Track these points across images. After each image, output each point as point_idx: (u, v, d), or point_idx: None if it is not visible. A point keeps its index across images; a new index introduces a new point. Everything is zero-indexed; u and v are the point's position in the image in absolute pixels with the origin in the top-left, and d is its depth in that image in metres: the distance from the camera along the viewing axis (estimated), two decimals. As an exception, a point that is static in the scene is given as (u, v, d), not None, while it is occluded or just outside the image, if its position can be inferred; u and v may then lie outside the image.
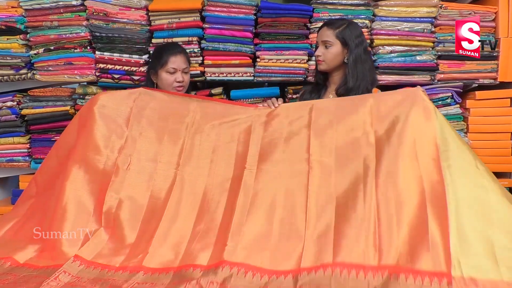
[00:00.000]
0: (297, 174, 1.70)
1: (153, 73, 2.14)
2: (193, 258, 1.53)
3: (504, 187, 2.33)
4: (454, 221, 1.49)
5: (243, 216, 1.62)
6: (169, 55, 2.10)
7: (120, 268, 1.53)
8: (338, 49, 1.98)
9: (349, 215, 1.57)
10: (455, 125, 2.37)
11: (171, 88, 2.10)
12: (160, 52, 2.15)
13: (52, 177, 1.90)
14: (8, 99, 2.46)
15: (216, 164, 1.81)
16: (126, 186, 1.77)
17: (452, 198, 1.53)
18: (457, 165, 1.59)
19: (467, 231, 1.47)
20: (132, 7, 2.35)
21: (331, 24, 2.02)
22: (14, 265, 1.56)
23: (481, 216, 1.51)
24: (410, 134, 1.66)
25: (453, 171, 1.58)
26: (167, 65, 2.09)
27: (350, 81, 1.94)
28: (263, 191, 1.69)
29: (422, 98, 1.73)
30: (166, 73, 2.10)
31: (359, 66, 1.96)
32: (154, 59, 2.15)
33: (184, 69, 2.13)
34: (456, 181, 1.57)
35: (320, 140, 1.74)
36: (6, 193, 2.72)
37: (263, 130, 1.83)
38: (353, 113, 1.76)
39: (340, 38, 1.97)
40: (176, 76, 2.10)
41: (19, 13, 2.39)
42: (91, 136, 1.83)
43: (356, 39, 1.97)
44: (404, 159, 1.63)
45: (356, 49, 1.96)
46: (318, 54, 2.01)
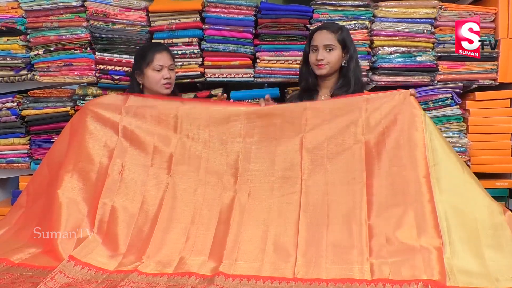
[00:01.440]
0: (289, 192, 1.74)
1: (139, 74, 2.13)
2: (188, 267, 1.55)
3: (504, 188, 2.37)
4: (447, 237, 1.53)
5: (238, 231, 1.66)
6: (154, 53, 2.09)
7: (115, 271, 1.55)
8: (339, 53, 2.00)
9: (342, 229, 1.62)
10: (455, 126, 2.38)
11: (159, 85, 2.10)
12: (144, 51, 2.14)
13: (44, 186, 1.93)
14: (8, 100, 2.46)
15: (207, 172, 1.83)
16: (118, 194, 1.79)
17: (442, 215, 1.57)
18: (446, 180, 1.64)
19: (459, 247, 1.51)
20: (132, 8, 2.35)
21: (330, 27, 2.02)
22: (9, 265, 1.57)
23: (470, 231, 1.55)
24: (402, 149, 1.71)
25: (442, 186, 1.63)
26: (153, 62, 2.08)
27: (352, 85, 1.95)
28: (256, 206, 1.74)
29: (412, 105, 1.75)
30: (153, 70, 2.09)
31: (357, 70, 1.97)
32: (139, 59, 2.13)
33: (170, 65, 2.13)
34: (445, 199, 1.61)
35: (311, 157, 1.78)
36: (6, 194, 2.72)
37: (255, 150, 1.84)
38: (344, 123, 1.80)
39: (341, 41, 1.98)
40: (163, 73, 2.09)
41: (19, 14, 2.39)
42: (82, 145, 1.86)
43: (352, 43, 2.01)
44: (395, 177, 1.68)
45: (354, 52, 2.00)
46: (321, 58, 1.99)
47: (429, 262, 1.45)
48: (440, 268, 1.42)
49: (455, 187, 1.63)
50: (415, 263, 1.46)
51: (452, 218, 1.57)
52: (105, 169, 1.82)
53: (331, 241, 1.59)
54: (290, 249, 1.59)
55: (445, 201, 1.60)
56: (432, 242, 1.50)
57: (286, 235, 1.63)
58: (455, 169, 1.67)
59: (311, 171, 1.76)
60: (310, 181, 1.74)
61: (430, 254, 1.47)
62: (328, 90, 2.03)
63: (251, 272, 1.50)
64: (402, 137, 1.72)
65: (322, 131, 1.81)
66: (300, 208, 1.68)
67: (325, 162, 1.76)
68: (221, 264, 1.53)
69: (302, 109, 1.86)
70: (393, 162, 1.70)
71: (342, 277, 1.45)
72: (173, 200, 1.78)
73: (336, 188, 1.71)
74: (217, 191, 1.79)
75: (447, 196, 1.61)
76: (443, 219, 1.56)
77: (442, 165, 1.66)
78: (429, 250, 1.48)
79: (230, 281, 1.45)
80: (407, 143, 1.71)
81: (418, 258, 1.47)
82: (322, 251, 1.56)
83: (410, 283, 1.38)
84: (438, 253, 1.47)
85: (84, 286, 1.44)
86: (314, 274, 1.48)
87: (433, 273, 1.40)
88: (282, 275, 1.48)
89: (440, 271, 1.41)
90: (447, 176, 1.65)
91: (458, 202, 1.60)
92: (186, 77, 2.42)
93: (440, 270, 1.42)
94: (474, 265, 1.46)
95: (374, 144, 1.75)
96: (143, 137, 1.89)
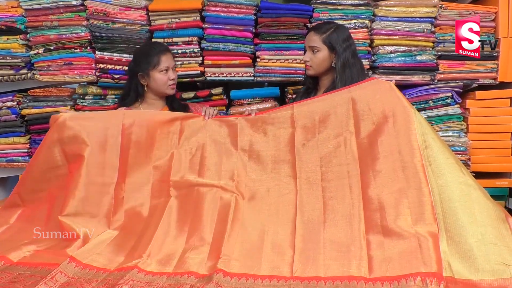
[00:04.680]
0: (285, 192, 1.76)
1: (143, 76, 2.11)
2: (187, 267, 1.56)
3: (504, 187, 2.37)
4: (442, 223, 1.51)
5: (233, 231, 1.67)
6: (159, 55, 2.09)
7: (115, 270, 1.55)
8: (325, 54, 1.97)
9: (339, 225, 1.63)
10: (455, 125, 2.38)
11: (165, 87, 2.11)
12: (147, 52, 2.12)
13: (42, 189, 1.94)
14: (8, 99, 2.46)
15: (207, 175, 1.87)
16: (129, 198, 1.84)
17: (437, 199, 1.56)
18: (438, 163, 1.61)
19: (456, 233, 1.49)
20: (132, 7, 2.35)
21: (318, 28, 2.01)
22: (8, 264, 1.57)
23: (469, 212, 1.52)
24: (393, 137, 1.70)
25: (435, 169, 1.61)
26: (160, 65, 2.08)
27: (339, 86, 1.93)
28: (253, 207, 1.76)
29: (397, 97, 1.75)
30: (160, 72, 2.09)
31: (347, 71, 1.95)
32: (143, 61, 2.10)
33: (173, 66, 2.14)
34: (440, 181, 1.59)
35: (303, 157, 1.80)
36: (6, 193, 2.72)
37: (247, 160, 1.87)
38: (333, 118, 1.82)
39: (327, 43, 1.96)
40: (169, 75, 2.10)
41: (19, 13, 2.39)
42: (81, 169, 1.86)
43: (344, 43, 1.96)
44: (388, 166, 1.67)
45: (344, 53, 1.95)
46: (306, 60, 2.01)
47: (427, 251, 1.44)
48: (437, 257, 1.42)
49: (447, 169, 1.61)
50: (412, 252, 1.45)
51: (447, 200, 1.55)
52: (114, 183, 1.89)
53: (328, 238, 1.59)
54: (288, 247, 1.59)
55: (440, 185, 1.58)
56: (429, 228, 1.50)
57: (283, 234, 1.65)
58: (445, 154, 1.65)
59: (303, 170, 1.78)
60: (304, 180, 1.76)
61: (427, 242, 1.46)
62: (324, 89, 2.04)
63: (248, 271, 1.51)
64: (393, 125, 1.72)
65: (311, 128, 1.84)
66: (296, 207, 1.70)
67: (318, 159, 1.78)
68: (219, 260, 1.52)
69: (290, 111, 1.89)
70: (385, 151, 1.69)
71: (340, 275, 1.45)
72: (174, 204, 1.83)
73: (331, 184, 1.72)
74: (217, 193, 1.82)
75: (441, 179, 1.59)
76: (438, 202, 1.55)
77: (433, 149, 1.64)
78: (425, 237, 1.48)
79: (229, 279, 1.45)
80: (398, 130, 1.70)
81: (415, 246, 1.47)
82: (319, 248, 1.56)
83: (408, 278, 1.38)
84: (433, 240, 1.46)
85: (84, 285, 1.44)
86: (312, 272, 1.48)
87: (431, 264, 1.40)
88: (280, 274, 1.49)
89: (437, 260, 1.41)
90: (438, 160, 1.63)
91: (452, 183, 1.58)
92: (186, 76, 2.43)
93: (437, 259, 1.41)
94: (469, 252, 1.44)
95: (365, 136, 1.75)
96: (143, 142, 1.93)
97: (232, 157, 1.89)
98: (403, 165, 1.64)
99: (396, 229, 1.54)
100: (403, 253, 1.47)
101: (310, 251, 1.56)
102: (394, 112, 1.72)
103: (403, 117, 1.70)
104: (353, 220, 1.61)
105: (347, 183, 1.70)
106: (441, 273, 1.38)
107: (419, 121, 1.68)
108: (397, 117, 1.71)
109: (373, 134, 1.74)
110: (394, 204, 1.60)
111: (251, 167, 1.86)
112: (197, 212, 1.77)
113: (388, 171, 1.66)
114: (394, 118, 1.72)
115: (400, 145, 1.67)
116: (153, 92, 2.15)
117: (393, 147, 1.68)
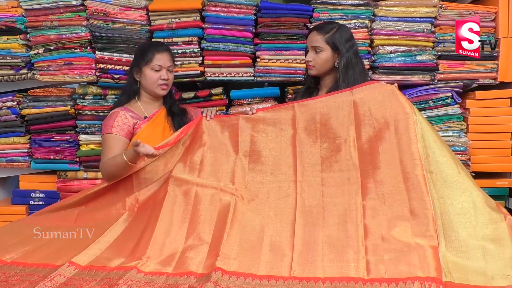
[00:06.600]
0: (285, 195, 1.77)
1: (137, 71, 2.10)
2: (186, 267, 1.56)
3: (504, 187, 2.37)
4: (442, 234, 1.52)
5: (232, 231, 1.67)
6: (154, 52, 2.07)
7: (114, 269, 1.55)
8: (328, 54, 1.97)
9: (338, 229, 1.63)
10: (455, 125, 2.38)
11: (155, 86, 2.08)
12: (144, 49, 2.11)
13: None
14: (8, 99, 2.46)
15: (205, 177, 1.87)
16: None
17: (438, 210, 1.56)
18: (439, 173, 1.63)
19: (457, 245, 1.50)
20: (132, 7, 2.35)
21: (321, 28, 2.00)
22: (1, 264, 1.58)
23: (469, 222, 1.54)
24: (394, 145, 1.71)
25: (435, 179, 1.62)
26: (152, 62, 2.06)
27: (342, 86, 1.93)
28: (253, 209, 1.76)
29: (399, 102, 1.75)
30: (151, 70, 2.06)
31: (350, 71, 1.94)
32: (139, 56, 2.10)
33: (169, 67, 2.10)
34: (440, 192, 1.60)
35: (304, 161, 1.80)
36: (6, 193, 2.72)
37: (248, 161, 1.87)
38: (334, 120, 1.82)
39: (330, 43, 1.96)
40: (161, 74, 2.07)
41: (19, 13, 2.39)
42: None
43: (347, 43, 1.96)
44: (389, 175, 1.68)
45: (347, 53, 1.95)
46: (309, 59, 2.00)
47: (424, 259, 1.44)
48: (436, 264, 1.42)
49: (449, 180, 1.62)
50: (410, 260, 1.46)
51: (448, 212, 1.56)
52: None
53: (327, 241, 1.60)
54: (286, 248, 1.60)
55: (440, 196, 1.59)
56: (428, 241, 1.50)
57: (282, 236, 1.65)
58: (447, 163, 1.65)
59: (304, 174, 1.78)
60: (305, 183, 1.77)
61: (425, 252, 1.47)
62: (327, 89, 2.03)
63: (247, 270, 1.51)
64: (395, 132, 1.72)
65: (313, 130, 1.84)
66: (296, 210, 1.71)
67: (319, 163, 1.78)
68: (218, 259, 1.52)
69: (291, 112, 1.89)
70: (387, 160, 1.70)
71: (338, 275, 1.45)
72: (173, 204, 1.83)
73: (331, 189, 1.73)
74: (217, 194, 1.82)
75: (442, 190, 1.60)
76: (438, 214, 1.55)
77: (435, 158, 1.64)
78: (424, 248, 1.48)
79: (227, 278, 1.45)
80: (400, 139, 1.70)
81: (414, 255, 1.47)
82: (318, 250, 1.57)
83: (406, 281, 1.38)
84: (433, 250, 1.47)
85: (83, 285, 1.44)
86: (310, 273, 1.48)
87: (430, 270, 1.40)
88: (278, 274, 1.49)
89: (436, 267, 1.41)
90: (440, 169, 1.63)
91: (453, 195, 1.59)
92: (186, 76, 2.42)
93: (436, 267, 1.41)
94: (470, 261, 1.45)
95: (366, 141, 1.75)
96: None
97: (233, 158, 1.89)
98: (404, 175, 1.65)
99: (395, 238, 1.54)
100: (401, 259, 1.47)
101: (309, 253, 1.56)
102: (396, 118, 1.73)
103: (404, 124, 1.71)
104: (352, 226, 1.61)
105: (347, 190, 1.71)
106: (441, 279, 1.38)
107: (420, 126, 1.69)
108: (398, 124, 1.72)
109: (374, 140, 1.75)
110: (395, 215, 1.60)
111: (252, 169, 1.85)
112: (197, 213, 1.77)
113: (389, 182, 1.67)
114: (396, 125, 1.72)
115: (402, 155, 1.68)
116: (145, 90, 2.12)
117: (395, 157, 1.69)
